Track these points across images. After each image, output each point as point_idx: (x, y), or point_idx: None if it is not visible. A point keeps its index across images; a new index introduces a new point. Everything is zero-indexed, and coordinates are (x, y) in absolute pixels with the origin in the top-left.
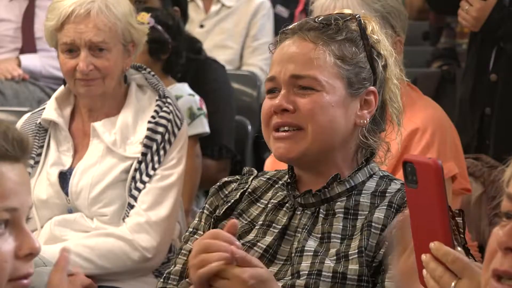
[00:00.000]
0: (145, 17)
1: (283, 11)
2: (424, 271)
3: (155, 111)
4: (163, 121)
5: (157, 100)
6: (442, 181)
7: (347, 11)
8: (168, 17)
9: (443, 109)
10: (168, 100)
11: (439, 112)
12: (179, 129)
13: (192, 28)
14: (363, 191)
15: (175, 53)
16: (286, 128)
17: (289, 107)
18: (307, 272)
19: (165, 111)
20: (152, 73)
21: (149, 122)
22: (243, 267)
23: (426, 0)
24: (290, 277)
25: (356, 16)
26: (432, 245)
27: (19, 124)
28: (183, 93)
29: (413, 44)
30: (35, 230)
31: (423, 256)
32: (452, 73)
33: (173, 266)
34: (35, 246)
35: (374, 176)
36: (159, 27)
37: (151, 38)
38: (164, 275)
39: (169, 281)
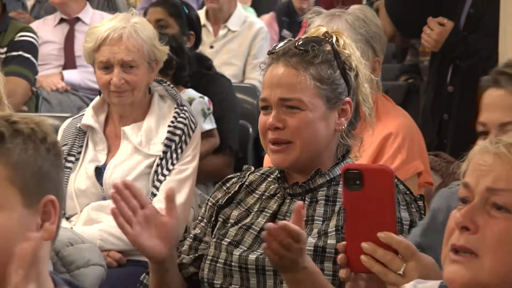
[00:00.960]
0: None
1: (288, 34)
2: (363, 257)
3: (174, 117)
4: (180, 125)
5: (175, 108)
6: (394, 184)
7: (323, 29)
8: (172, 40)
9: (409, 115)
10: (185, 108)
11: (408, 120)
12: (193, 131)
13: (204, 48)
14: (340, 182)
15: (179, 68)
16: (279, 142)
17: (280, 125)
18: None
19: (182, 117)
20: (171, 85)
21: (169, 126)
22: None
23: (395, 26)
24: None
25: (329, 40)
26: (382, 235)
27: (62, 127)
28: (195, 96)
29: (384, 62)
30: (76, 214)
31: (365, 245)
32: (416, 86)
33: (181, 247)
34: None
35: None
36: None
37: None
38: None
39: (182, 258)
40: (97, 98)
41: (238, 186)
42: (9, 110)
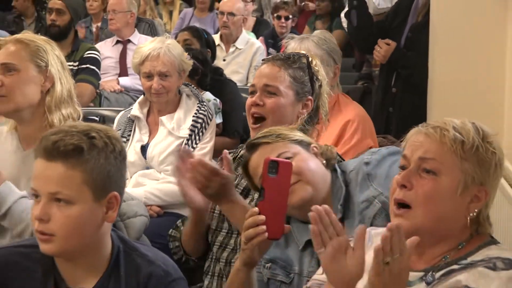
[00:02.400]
0: (185, 54)
1: (273, 51)
2: None
3: (197, 110)
4: (201, 116)
5: (197, 104)
6: (291, 173)
7: (302, 52)
8: (199, 53)
9: (364, 109)
10: (204, 104)
11: (362, 111)
12: (210, 120)
13: (218, 61)
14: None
15: (203, 75)
16: (256, 116)
17: (260, 103)
18: None
19: (202, 110)
20: (195, 88)
21: (193, 116)
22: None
23: (357, 46)
24: None
25: (306, 56)
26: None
27: (118, 117)
28: (210, 98)
29: (346, 71)
30: (127, 179)
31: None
32: (370, 88)
33: None
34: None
35: None
36: (193, 60)
37: None
38: None
39: None
40: (142, 97)
41: (232, 158)
42: (77, 107)
